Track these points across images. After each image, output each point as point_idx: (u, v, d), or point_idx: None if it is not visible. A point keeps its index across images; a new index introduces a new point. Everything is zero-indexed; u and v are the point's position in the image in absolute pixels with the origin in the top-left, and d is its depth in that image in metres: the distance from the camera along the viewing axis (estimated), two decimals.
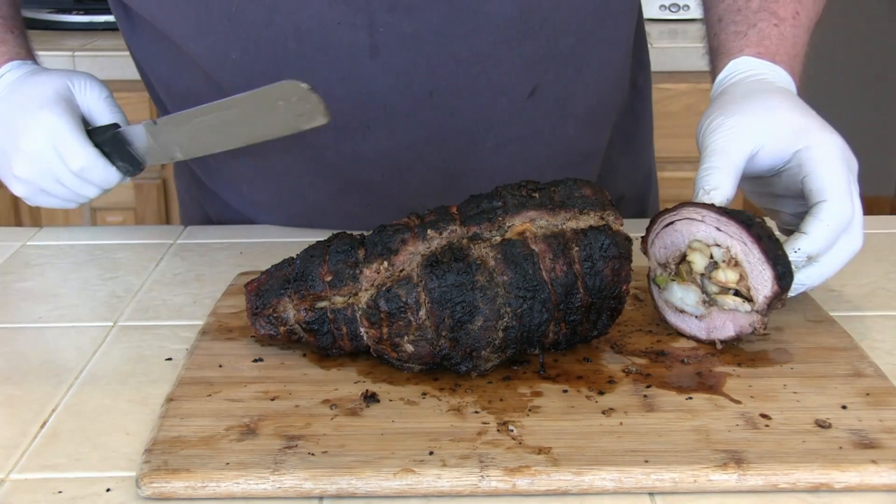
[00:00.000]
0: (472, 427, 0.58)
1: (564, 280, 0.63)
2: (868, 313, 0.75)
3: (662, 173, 2.45)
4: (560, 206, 0.64)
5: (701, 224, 0.66)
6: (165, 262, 0.88)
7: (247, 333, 0.70)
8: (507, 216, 0.64)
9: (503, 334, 0.62)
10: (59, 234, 0.96)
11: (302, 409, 0.60)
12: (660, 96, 2.27)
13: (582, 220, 0.64)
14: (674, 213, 0.68)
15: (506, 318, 0.62)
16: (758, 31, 0.81)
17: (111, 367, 0.68)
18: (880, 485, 0.53)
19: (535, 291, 0.62)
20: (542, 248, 0.63)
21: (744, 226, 0.64)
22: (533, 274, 0.62)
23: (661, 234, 0.69)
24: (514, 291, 0.62)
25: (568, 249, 0.63)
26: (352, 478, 0.53)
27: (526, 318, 0.62)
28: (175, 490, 0.53)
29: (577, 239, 0.63)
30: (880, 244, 0.90)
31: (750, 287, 0.65)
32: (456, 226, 0.64)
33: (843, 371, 0.64)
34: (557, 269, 0.62)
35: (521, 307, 0.62)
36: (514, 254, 0.62)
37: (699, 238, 0.67)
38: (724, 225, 0.65)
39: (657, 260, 0.70)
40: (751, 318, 0.65)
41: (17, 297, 0.81)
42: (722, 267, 0.66)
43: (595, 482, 0.53)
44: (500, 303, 0.62)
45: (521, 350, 0.64)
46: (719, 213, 0.66)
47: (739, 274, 0.65)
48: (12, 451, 0.58)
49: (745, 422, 0.58)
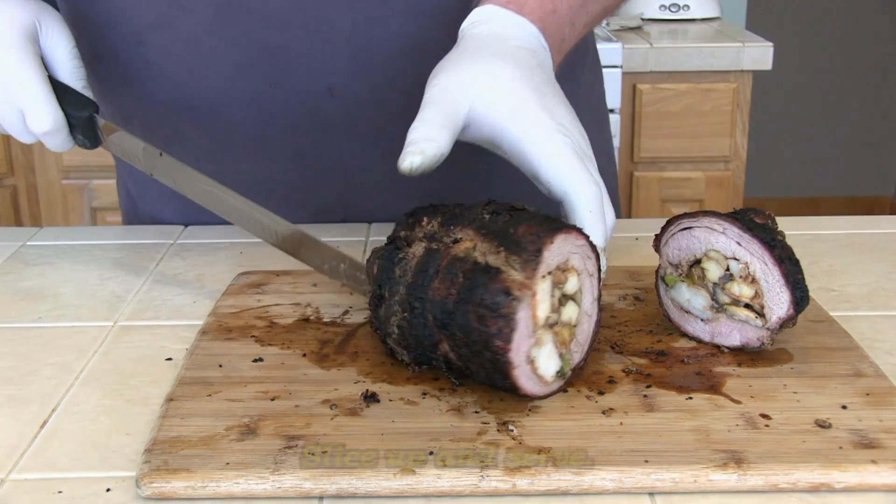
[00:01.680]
0: (472, 427, 0.58)
1: (442, 306, 0.59)
2: (868, 313, 0.75)
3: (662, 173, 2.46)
4: (492, 235, 0.60)
5: (721, 236, 0.66)
6: (165, 262, 0.88)
7: (247, 333, 0.70)
8: (460, 228, 0.62)
9: (398, 331, 0.62)
10: (59, 234, 0.96)
11: (302, 409, 0.60)
12: (660, 96, 2.27)
13: (491, 256, 0.59)
14: (694, 219, 0.67)
15: (397, 317, 0.62)
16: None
17: (111, 367, 0.68)
18: (880, 485, 0.53)
19: (421, 303, 0.61)
20: (444, 268, 0.60)
21: (767, 246, 0.64)
22: (424, 287, 0.61)
23: (677, 235, 0.68)
24: (409, 294, 0.61)
25: (456, 278, 0.59)
26: (352, 478, 0.53)
27: (413, 325, 0.61)
28: (175, 490, 0.53)
29: (469, 272, 0.59)
30: (880, 244, 0.90)
31: (764, 305, 0.64)
32: (436, 223, 0.64)
33: (843, 371, 0.64)
34: (441, 292, 0.60)
35: (406, 312, 0.62)
36: (426, 262, 0.61)
37: (717, 249, 0.66)
38: (747, 242, 0.65)
39: (669, 259, 0.69)
40: (759, 332, 0.65)
41: (17, 297, 0.81)
42: (738, 281, 0.65)
43: (595, 482, 0.53)
44: (397, 300, 0.62)
45: (426, 356, 0.63)
46: (742, 230, 0.65)
47: (755, 291, 0.65)
48: (12, 451, 0.58)
49: (745, 422, 0.58)
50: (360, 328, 0.71)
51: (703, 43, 2.27)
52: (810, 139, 3.70)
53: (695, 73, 2.26)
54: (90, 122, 0.83)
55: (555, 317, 0.60)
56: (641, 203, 2.34)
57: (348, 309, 0.74)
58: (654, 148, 2.30)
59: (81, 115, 0.82)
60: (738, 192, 2.35)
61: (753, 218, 0.66)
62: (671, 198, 2.33)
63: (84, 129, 0.83)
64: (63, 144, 0.83)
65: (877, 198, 3.79)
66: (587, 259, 0.62)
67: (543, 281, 0.58)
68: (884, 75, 3.66)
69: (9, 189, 2.29)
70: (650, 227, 0.85)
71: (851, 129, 3.70)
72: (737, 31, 2.41)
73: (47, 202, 2.29)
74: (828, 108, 3.67)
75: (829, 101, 3.67)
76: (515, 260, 0.58)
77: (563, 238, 0.59)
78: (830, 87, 3.66)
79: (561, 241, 0.59)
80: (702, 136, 2.29)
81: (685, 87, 2.26)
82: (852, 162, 3.75)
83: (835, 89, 3.66)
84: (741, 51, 2.22)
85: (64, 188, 2.27)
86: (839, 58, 3.63)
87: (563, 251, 0.60)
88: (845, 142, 3.72)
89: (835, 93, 3.67)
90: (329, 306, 0.75)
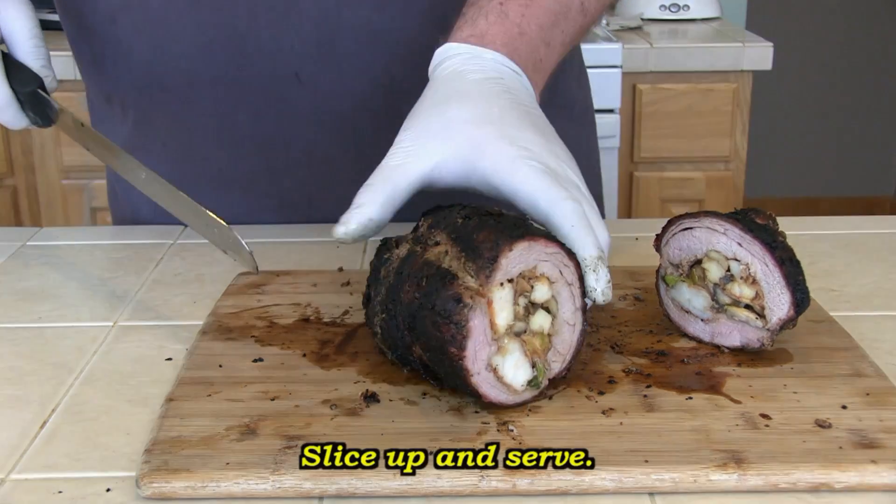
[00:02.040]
0: (472, 427, 0.58)
1: (409, 310, 0.59)
2: (868, 313, 0.75)
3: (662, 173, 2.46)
4: (459, 239, 0.59)
5: (722, 237, 0.66)
6: (165, 262, 0.88)
7: (247, 333, 0.70)
8: (439, 231, 0.61)
9: (380, 331, 0.63)
10: (59, 234, 0.96)
11: (302, 409, 0.60)
12: (660, 96, 2.27)
13: (455, 261, 0.58)
14: (695, 219, 0.67)
15: (378, 317, 0.63)
16: (477, 10, 0.74)
17: (111, 367, 0.68)
18: (880, 485, 0.53)
19: (394, 305, 0.60)
20: (414, 271, 0.59)
21: (768, 248, 0.64)
22: (398, 289, 0.60)
23: (678, 235, 0.68)
24: (387, 296, 0.62)
25: (421, 282, 0.58)
26: (352, 478, 0.53)
27: (390, 326, 0.61)
28: (175, 490, 0.53)
29: (430, 277, 0.58)
30: (880, 244, 0.90)
31: (764, 306, 0.64)
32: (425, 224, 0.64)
33: (843, 371, 0.64)
34: (409, 296, 0.59)
35: (384, 314, 0.62)
36: (402, 264, 0.61)
37: (718, 249, 0.66)
38: (748, 243, 0.65)
39: (669, 259, 0.69)
40: (759, 333, 0.65)
41: (17, 297, 0.81)
42: (738, 282, 0.65)
43: (595, 482, 0.53)
44: (379, 300, 0.62)
45: (405, 358, 0.63)
46: (743, 231, 0.65)
47: (756, 292, 0.65)
48: (12, 451, 0.58)
49: (745, 422, 0.58)
50: (360, 328, 0.71)
51: (703, 43, 2.27)
52: (810, 139, 3.70)
53: (695, 73, 2.25)
54: (35, 98, 0.83)
55: (521, 325, 0.59)
56: (641, 203, 2.33)
57: (348, 309, 0.74)
58: (654, 148, 2.30)
59: (25, 90, 0.82)
60: (738, 192, 2.34)
61: (754, 218, 0.66)
62: (671, 198, 2.33)
63: (32, 104, 0.83)
64: (14, 120, 0.83)
65: (876, 198, 3.79)
66: (564, 267, 0.60)
67: (502, 289, 0.57)
68: (884, 75, 3.66)
69: (9, 189, 2.28)
70: (650, 227, 0.85)
71: (851, 129, 3.70)
72: (737, 31, 2.41)
73: (47, 202, 2.29)
74: (828, 108, 3.67)
75: (829, 101, 3.67)
76: (471, 266, 0.57)
77: (525, 245, 0.58)
78: (830, 87, 3.66)
79: (522, 248, 0.58)
80: (702, 136, 2.28)
81: (685, 87, 2.26)
82: (852, 162, 3.75)
83: (835, 89, 3.66)
84: (741, 51, 2.22)
85: (64, 188, 2.27)
86: (839, 58, 3.63)
87: (528, 259, 0.58)
88: (845, 142, 3.72)
89: (835, 93, 3.67)
90: (329, 306, 0.75)
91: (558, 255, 0.60)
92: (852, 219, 0.97)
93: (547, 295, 0.60)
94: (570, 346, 0.62)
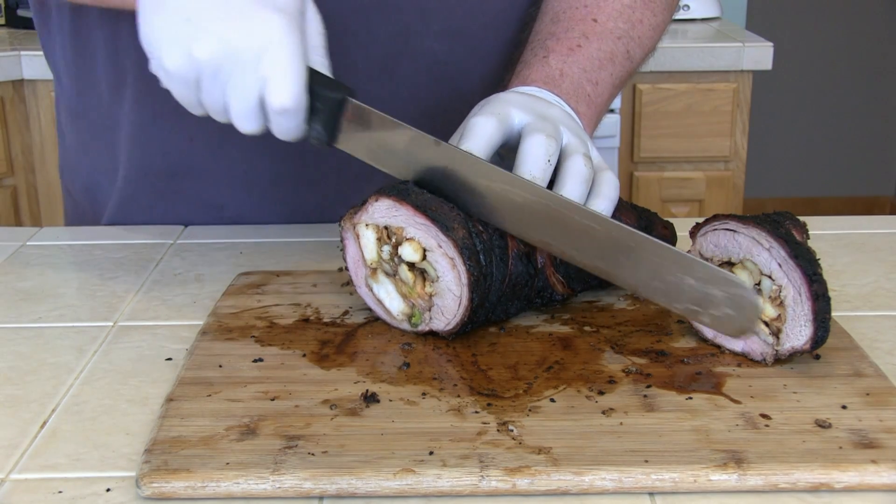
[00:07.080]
0: (472, 427, 0.58)
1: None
2: (868, 313, 0.75)
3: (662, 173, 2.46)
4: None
5: (765, 252, 0.65)
6: (165, 262, 0.88)
7: (247, 334, 0.70)
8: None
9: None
10: (59, 234, 0.96)
11: (302, 409, 0.60)
12: (660, 96, 2.27)
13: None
14: (742, 224, 0.66)
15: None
16: (522, 64, 0.84)
17: (111, 367, 0.68)
18: (880, 485, 0.53)
19: None
20: None
21: (806, 279, 0.62)
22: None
23: (719, 232, 0.68)
24: None
25: None
26: (352, 478, 0.53)
27: None
28: (175, 490, 0.53)
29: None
30: (880, 244, 0.90)
31: (781, 329, 0.64)
32: None
33: (843, 371, 0.64)
34: None
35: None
36: None
37: (757, 262, 0.65)
38: (789, 268, 0.63)
39: (701, 251, 0.69)
40: (765, 349, 0.65)
41: (17, 297, 0.81)
42: (765, 299, 0.64)
43: (595, 482, 0.53)
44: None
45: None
46: (788, 254, 0.63)
47: (779, 314, 0.64)
48: (12, 451, 0.58)
49: (745, 422, 0.58)
50: (360, 328, 0.71)
51: (703, 43, 2.27)
52: (810, 139, 3.70)
53: (695, 73, 2.25)
54: (337, 110, 0.72)
55: (388, 267, 0.70)
56: (641, 203, 2.32)
57: (348, 309, 0.74)
58: (654, 148, 2.30)
59: (333, 97, 0.71)
60: (739, 192, 2.34)
61: (791, 229, 0.66)
62: (671, 198, 2.33)
63: (327, 117, 0.71)
64: (296, 130, 0.71)
65: (876, 198, 3.79)
66: (443, 241, 0.66)
67: (367, 229, 0.70)
68: (884, 75, 3.66)
69: (9, 189, 2.28)
70: None
71: (851, 129, 3.70)
72: (737, 31, 2.41)
73: (47, 202, 2.29)
74: (828, 108, 3.67)
75: (829, 101, 3.67)
76: (356, 205, 0.71)
77: (389, 203, 0.68)
78: (830, 87, 3.66)
79: (388, 205, 0.68)
80: (702, 136, 2.28)
81: (685, 87, 2.26)
82: (852, 162, 3.75)
83: (835, 89, 3.66)
84: (741, 51, 2.22)
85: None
86: (839, 58, 3.63)
87: (395, 217, 0.68)
88: (845, 142, 3.72)
89: (835, 93, 3.67)
90: (329, 307, 0.75)
91: (430, 228, 0.67)
92: (852, 219, 0.97)
93: (413, 257, 0.68)
94: (453, 314, 0.68)
